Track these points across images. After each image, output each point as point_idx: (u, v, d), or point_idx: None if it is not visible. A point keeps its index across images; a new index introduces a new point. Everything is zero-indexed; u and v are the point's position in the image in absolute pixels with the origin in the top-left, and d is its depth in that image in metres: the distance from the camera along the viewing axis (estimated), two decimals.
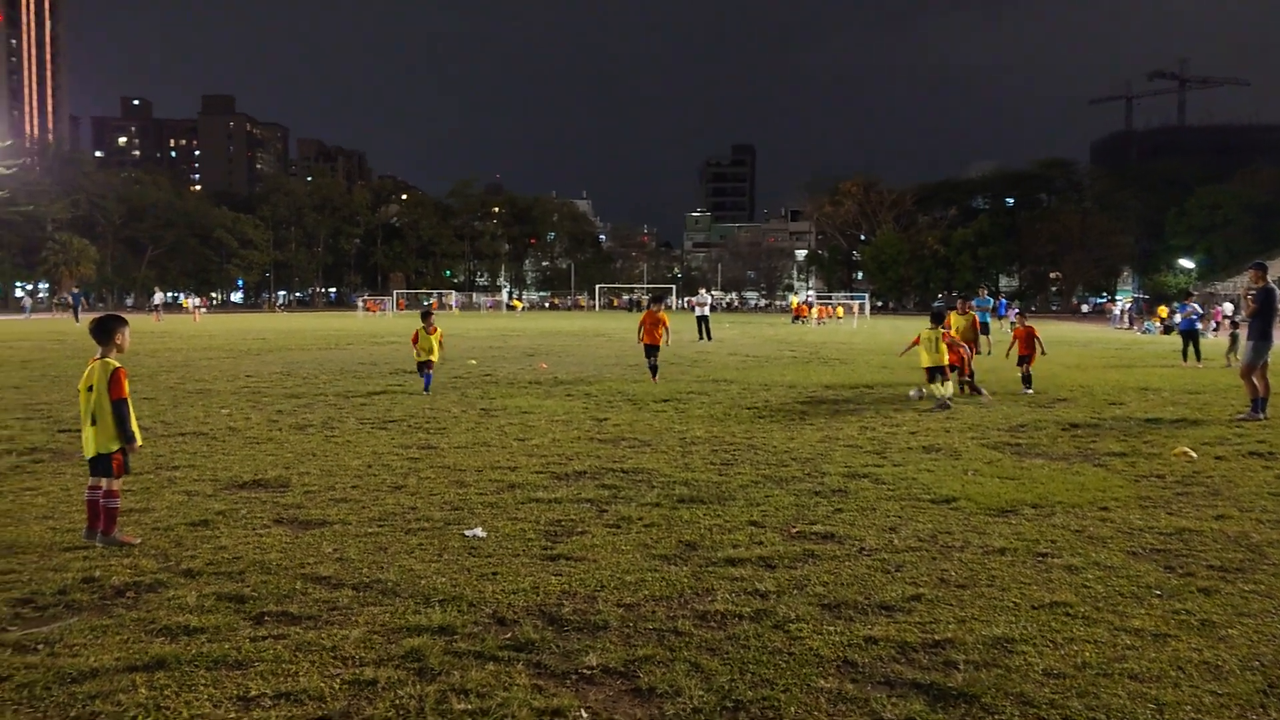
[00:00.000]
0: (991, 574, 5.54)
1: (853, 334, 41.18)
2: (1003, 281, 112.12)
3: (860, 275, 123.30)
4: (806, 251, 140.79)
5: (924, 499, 7.49)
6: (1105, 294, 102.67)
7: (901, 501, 7.40)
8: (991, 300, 28.93)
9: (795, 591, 5.19)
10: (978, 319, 16.05)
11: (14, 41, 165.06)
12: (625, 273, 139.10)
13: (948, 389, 13.53)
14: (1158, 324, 42.90)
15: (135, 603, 4.97)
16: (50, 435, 10.54)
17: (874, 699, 3.86)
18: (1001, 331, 32.43)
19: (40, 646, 4.35)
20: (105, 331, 6.42)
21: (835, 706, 3.80)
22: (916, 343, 14.04)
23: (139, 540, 6.13)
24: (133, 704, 3.75)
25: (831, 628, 4.64)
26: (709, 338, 33.08)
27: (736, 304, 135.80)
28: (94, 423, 6.17)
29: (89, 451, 6.19)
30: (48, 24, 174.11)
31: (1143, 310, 60.59)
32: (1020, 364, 15.79)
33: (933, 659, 4.27)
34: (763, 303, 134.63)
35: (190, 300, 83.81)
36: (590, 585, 5.27)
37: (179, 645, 4.36)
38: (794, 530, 6.49)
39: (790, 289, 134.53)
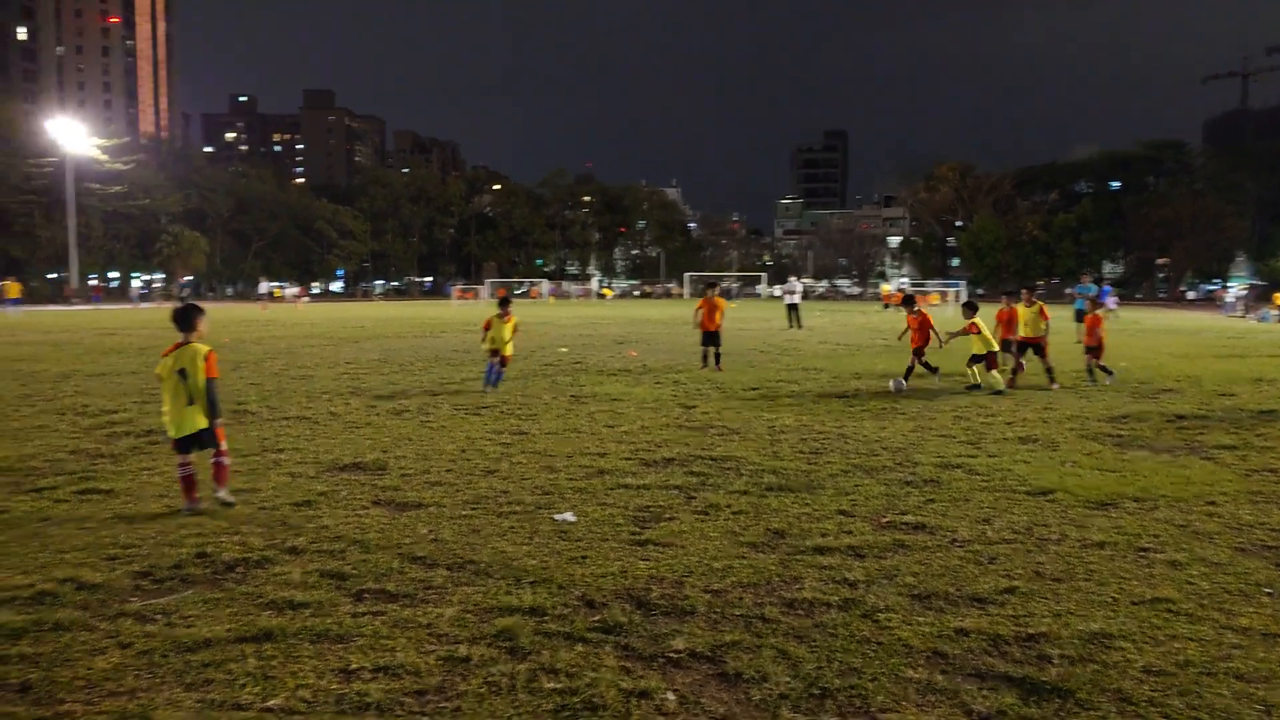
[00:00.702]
0: (1089, 568, 5.39)
1: (947, 322, 40.22)
2: (1106, 268, 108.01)
3: (956, 262, 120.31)
4: (900, 238, 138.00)
5: (1019, 491, 7.32)
6: (1218, 280, 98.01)
7: (996, 493, 7.25)
8: (1094, 288, 27.89)
9: (884, 581, 5.14)
10: (1045, 308, 15.20)
11: (130, 43, 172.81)
12: (715, 260, 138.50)
13: (995, 378, 13.77)
14: (1275, 312, 40.80)
15: (244, 578, 5.21)
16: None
17: (964, 691, 3.81)
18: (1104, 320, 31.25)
19: (158, 617, 4.60)
20: (188, 320, 6.92)
21: (924, 697, 3.77)
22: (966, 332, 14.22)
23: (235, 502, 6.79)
24: (243, 673, 3.95)
25: (921, 618, 4.59)
26: (800, 325, 32.81)
27: (828, 292, 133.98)
28: (191, 402, 6.65)
29: (187, 429, 6.64)
30: (161, 26, 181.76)
31: (1259, 297, 57.66)
32: (1088, 354, 15.23)
33: (1026, 653, 4.19)
34: (855, 290, 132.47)
35: (286, 290, 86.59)
36: (678, 571, 5.32)
37: (285, 619, 4.56)
38: (884, 520, 6.42)
39: (883, 276, 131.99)
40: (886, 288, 79.07)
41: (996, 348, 14.05)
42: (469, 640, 4.31)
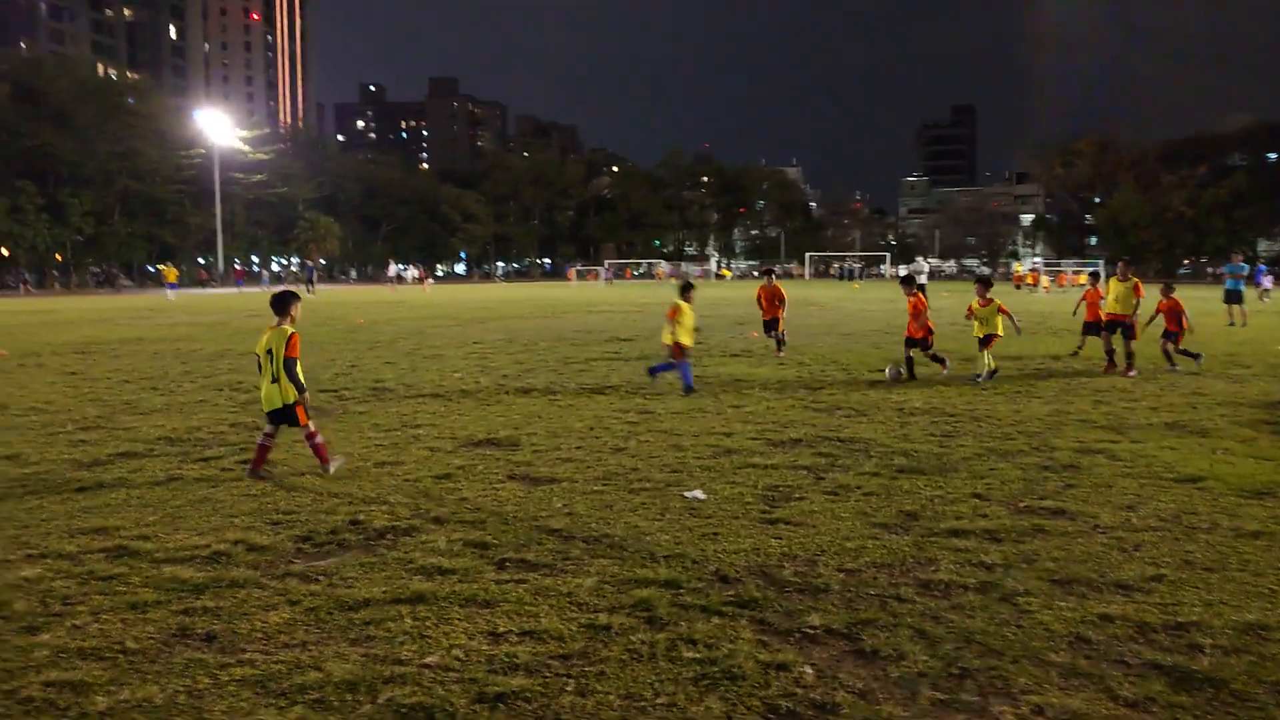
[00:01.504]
0: (1244, 558, 5.17)
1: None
2: (1261, 246, 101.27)
3: (1094, 240, 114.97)
4: (1033, 216, 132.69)
5: (1166, 477, 7.04)
6: None
7: (1140, 480, 7.00)
8: (1247, 266, 26.26)
9: (1023, 565, 5.06)
10: (1140, 285, 13.78)
11: (270, 38, 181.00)
12: (836, 241, 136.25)
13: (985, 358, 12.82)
14: None
15: (394, 544, 5.52)
16: (312, 394, 11.62)
17: (1110, 676, 3.74)
18: (1257, 302, 29.45)
19: (320, 578, 4.93)
20: (282, 304, 7.46)
21: (1068, 681, 3.72)
22: (970, 314, 13.37)
23: (335, 466, 7.30)
24: (400, 631, 4.20)
25: (1063, 603, 4.51)
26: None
27: (955, 272, 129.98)
28: (275, 380, 7.19)
29: (271, 404, 7.22)
30: (298, 20, 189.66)
31: None
32: (1165, 339, 14.19)
33: (1175, 641, 4.08)
34: (985, 270, 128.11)
35: (409, 272, 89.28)
36: (810, 549, 5.36)
37: (434, 583, 4.81)
38: (1021, 505, 6.30)
39: (1014, 255, 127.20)
40: (1019, 267, 76.24)
41: (999, 332, 13.05)
42: (608, 609, 4.46)
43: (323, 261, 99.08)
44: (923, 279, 33.49)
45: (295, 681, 3.70)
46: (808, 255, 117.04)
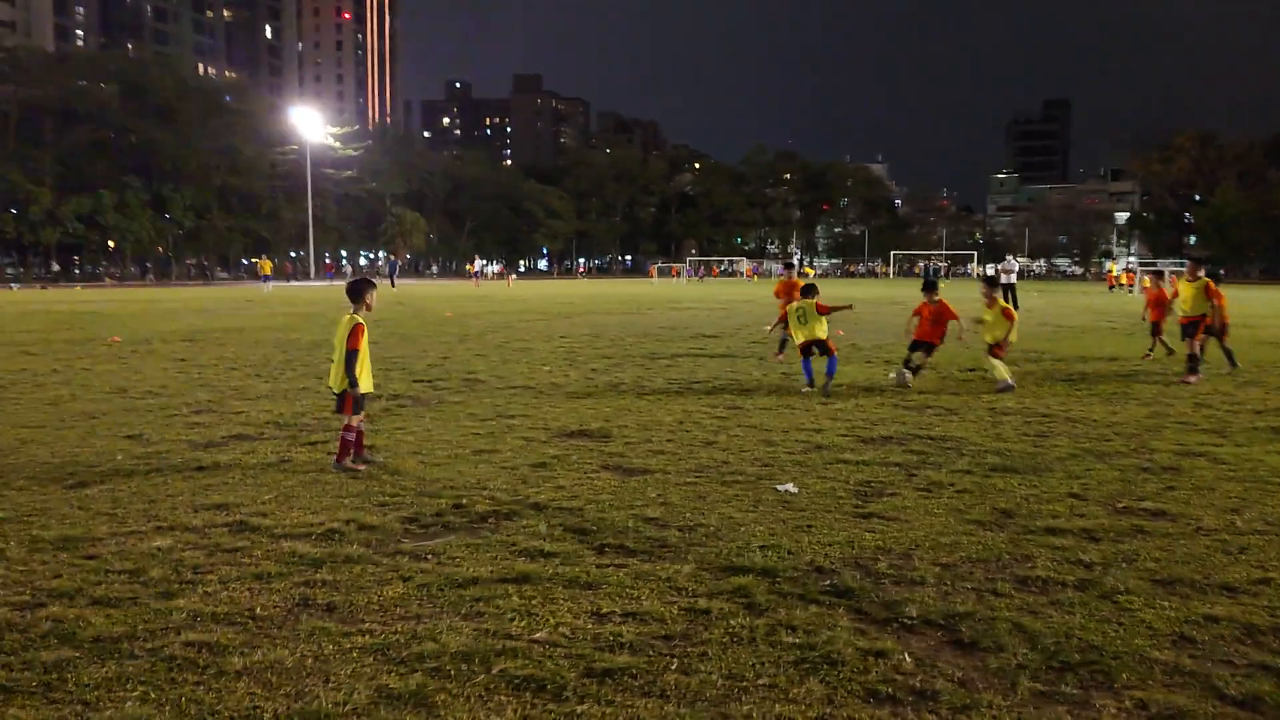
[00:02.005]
0: None
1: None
2: None
3: (1193, 239, 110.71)
4: (1129, 214, 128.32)
5: (1273, 482, 6.85)
6: None
7: (1245, 483, 6.83)
8: None
9: (1123, 565, 5.02)
10: (1213, 284, 13.08)
11: (360, 37, 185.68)
12: (922, 239, 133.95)
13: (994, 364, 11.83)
14: None
15: (497, 528, 5.73)
16: (408, 384, 12.07)
17: (1215, 675, 3.72)
18: None
19: (429, 557, 5.15)
20: (357, 292, 7.46)
21: (1171, 678, 3.71)
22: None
23: (363, 468, 7.15)
24: (509, 609, 4.39)
25: (1165, 603, 4.47)
26: (1016, 306, 31.35)
27: (1044, 271, 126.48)
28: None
29: (333, 388, 7.28)
30: (388, 19, 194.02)
31: None
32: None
33: None
34: (1076, 270, 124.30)
35: (488, 268, 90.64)
36: (904, 544, 5.39)
37: (538, 565, 5.00)
38: (1119, 505, 6.22)
39: (1108, 254, 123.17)
40: (1113, 267, 73.85)
41: (1013, 337, 12.01)
42: (707, 595, 4.58)
43: (408, 256, 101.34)
44: (1011, 278, 32.73)
45: (414, 650, 3.91)
46: (892, 254, 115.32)
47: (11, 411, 9.89)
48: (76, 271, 79.46)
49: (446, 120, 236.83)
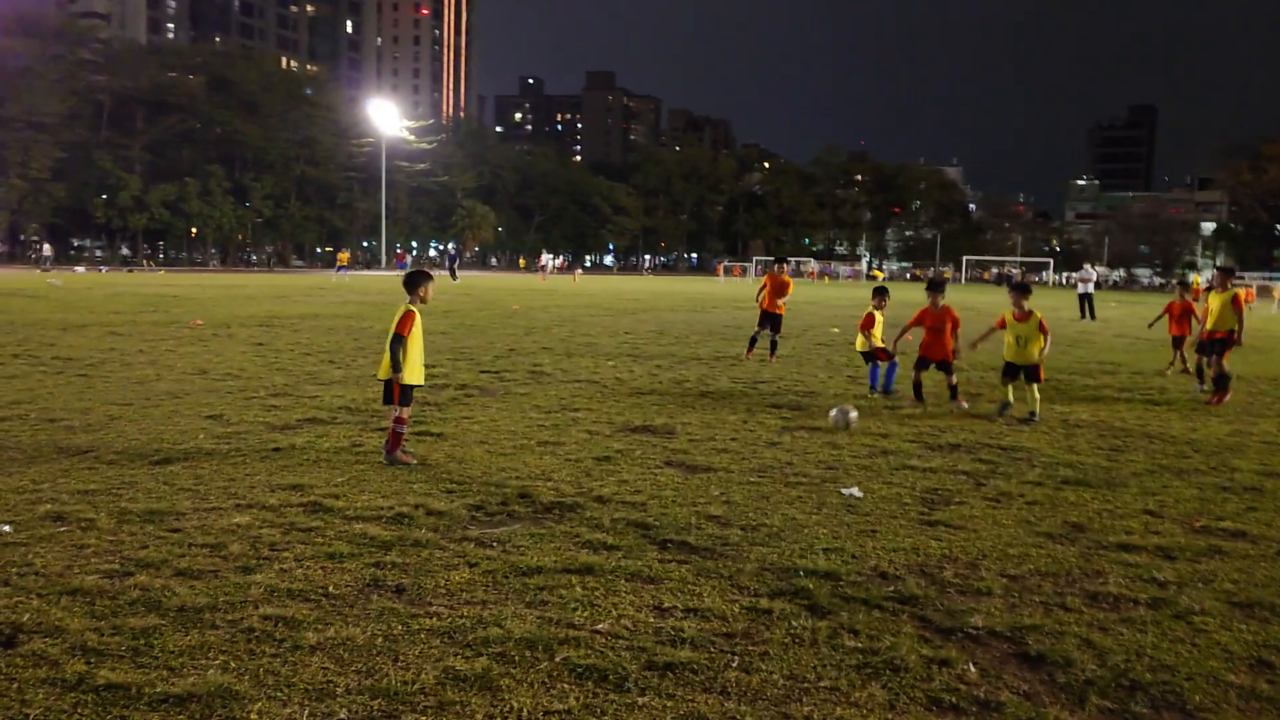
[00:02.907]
0: None
1: (1270, 319, 35.95)
2: None
3: None
4: (1215, 224, 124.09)
5: None
6: None
7: None
8: None
9: (1199, 585, 4.89)
10: (1242, 295, 12.07)
11: (437, 32, 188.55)
12: (996, 245, 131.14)
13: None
14: None
15: (561, 519, 5.80)
16: (475, 374, 12.24)
17: None
18: None
19: (495, 544, 5.24)
20: (412, 284, 7.60)
21: (1247, 703, 3.61)
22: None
23: (416, 461, 7.11)
24: (572, 598, 4.45)
25: (1243, 625, 4.35)
26: (1092, 316, 30.64)
27: (1123, 282, 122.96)
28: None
29: (382, 375, 7.25)
30: (464, 15, 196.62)
31: None
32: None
33: None
34: (1157, 281, 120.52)
35: (554, 261, 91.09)
36: (971, 553, 5.33)
37: (601, 557, 5.05)
38: (1197, 524, 6.05)
39: (1192, 265, 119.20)
40: (1198, 279, 71.51)
41: (1041, 358, 10.32)
42: (769, 594, 4.59)
43: (476, 249, 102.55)
44: (1089, 288, 31.96)
45: (479, 635, 3.99)
46: (964, 259, 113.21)
47: (102, 389, 10.29)
48: (161, 256, 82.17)
49: (519, 115, 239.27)
